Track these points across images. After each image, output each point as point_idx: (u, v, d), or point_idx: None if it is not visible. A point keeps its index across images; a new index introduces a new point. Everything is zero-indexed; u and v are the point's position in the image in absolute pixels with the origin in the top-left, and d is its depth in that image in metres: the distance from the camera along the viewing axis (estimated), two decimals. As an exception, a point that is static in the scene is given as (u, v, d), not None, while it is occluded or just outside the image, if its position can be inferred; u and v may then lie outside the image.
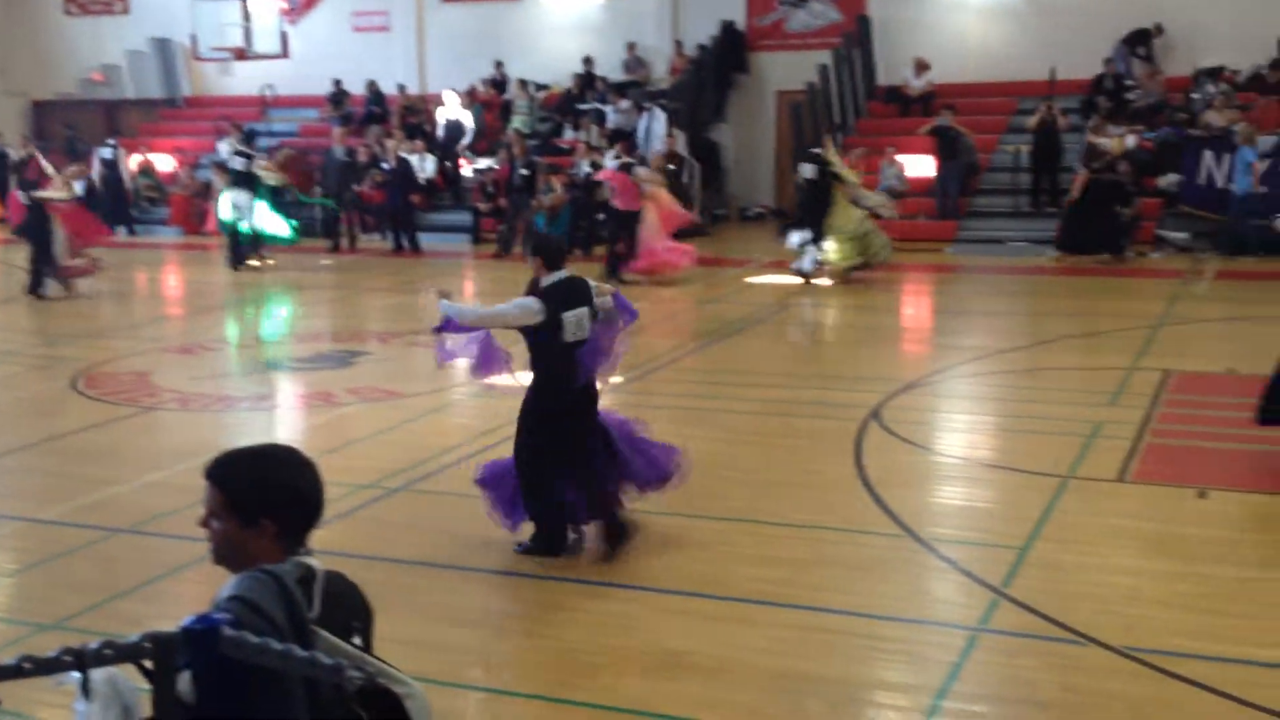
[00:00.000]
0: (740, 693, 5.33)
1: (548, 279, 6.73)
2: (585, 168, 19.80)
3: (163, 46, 27.73)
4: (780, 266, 17.77)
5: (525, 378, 6.96)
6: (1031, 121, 19.81)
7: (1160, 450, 8.73)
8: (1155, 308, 14.07)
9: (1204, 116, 19.07)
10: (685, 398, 10.65)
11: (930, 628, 5.98)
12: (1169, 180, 18.77)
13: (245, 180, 19.20)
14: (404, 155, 21.56)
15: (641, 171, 17.46)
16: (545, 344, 6.70)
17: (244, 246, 19.14)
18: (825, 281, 16.50)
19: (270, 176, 19.88)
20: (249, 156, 19.87)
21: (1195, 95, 20.03)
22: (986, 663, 5.60)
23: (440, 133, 23.57)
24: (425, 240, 21.27)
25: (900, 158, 20.55)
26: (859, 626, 6.01)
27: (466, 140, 23.64)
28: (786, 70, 23.23)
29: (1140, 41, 21.09)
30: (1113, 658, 5.50)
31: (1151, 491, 7.86)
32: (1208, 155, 18.34)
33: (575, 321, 6.67)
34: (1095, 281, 16.80)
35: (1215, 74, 20.22)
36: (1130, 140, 19.35)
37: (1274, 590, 6.25)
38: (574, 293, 6.73)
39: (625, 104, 22.96)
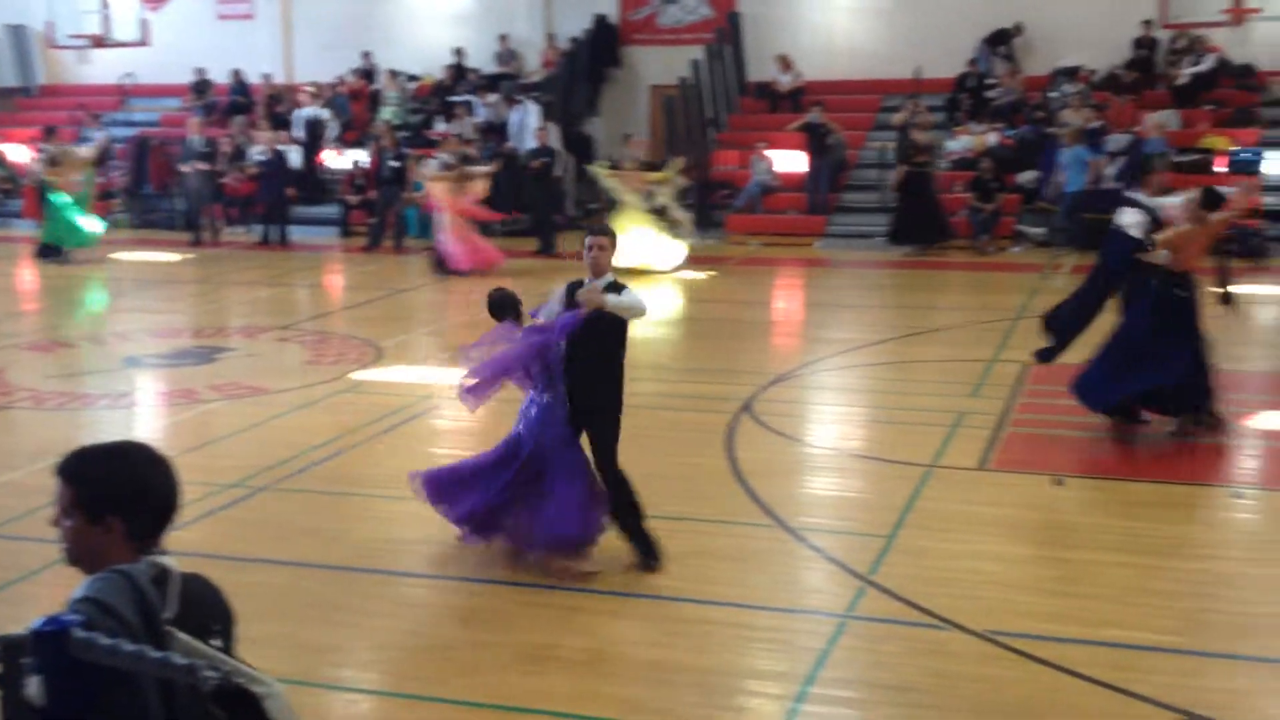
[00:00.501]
0: (613, 685, 5.35)
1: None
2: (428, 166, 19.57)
3: (17, 33, 26.73)
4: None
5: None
6: (897, 119, 20.21)
7: (1019, 439, 8.99)
8: (1015, 300, 14.48)
9: (1061, 115, 19.66)
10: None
11: (800, 616, 6.07)
12: (1028, 177, 19.32)
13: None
14: (281, 148, 21.13)
15: (430, 167, 17.63)
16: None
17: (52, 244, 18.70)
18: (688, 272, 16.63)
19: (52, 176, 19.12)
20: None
21: (1053, 94, 20.64)
22: (854, 649, 5.71)
23: (298, 131, 23.07)
24: (293, 234, 20.88)
25: (770, 153, 20.82)
26: (731, 616, 6.08)
27: (332, 133, 23.26)
28: (659, 65, 23.34)
29: (1001, 41, 21.67)
30: (974, 641, 5.65)
31: (1011, 479, 8.09)
32: (1065, 153, 18.89)
33: None
34: (958, 275, 17.23)
35: (1072, 73, 20.87)
36: (991, 138, 19.89)
37: (1127, 573, 6.47)
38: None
39: (494, 97, 22.81)
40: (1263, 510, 7.65)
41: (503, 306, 6.75)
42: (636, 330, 13.55)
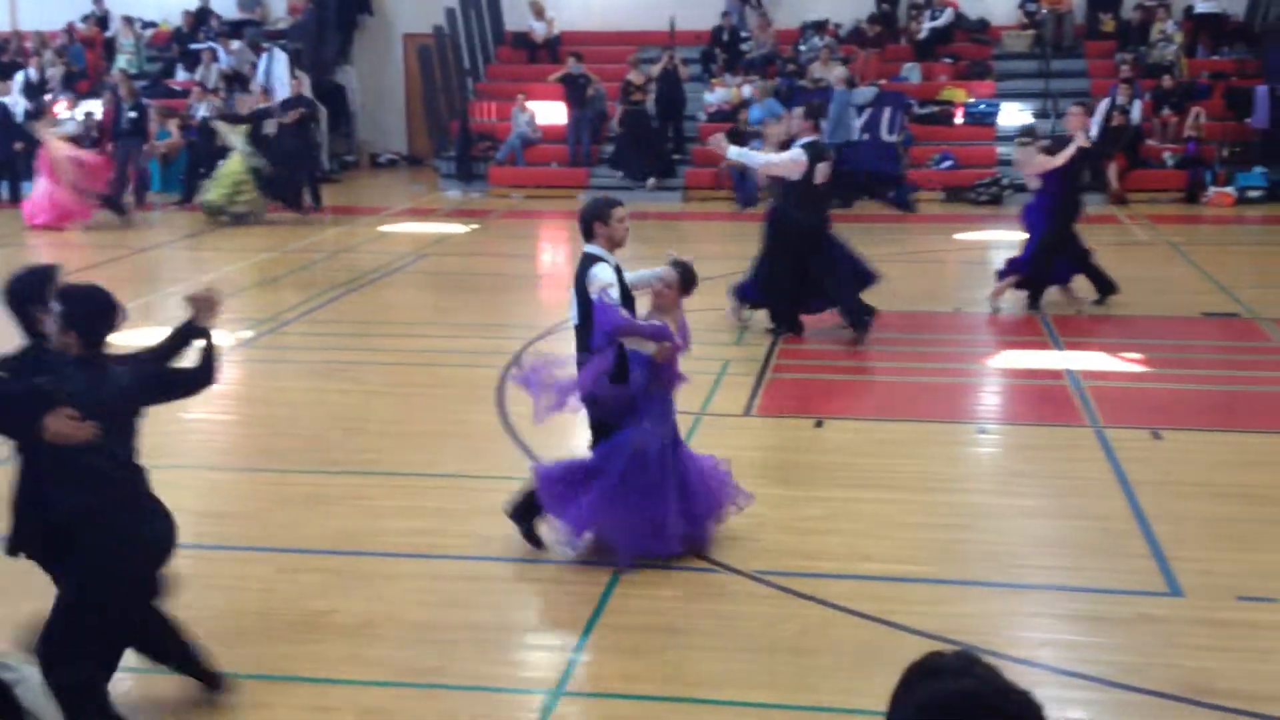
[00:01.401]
0: (386, 648, 5.28)
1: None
2: (201, 111, 18.80)
3: None
4: (417, 214, 17.55)
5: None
6: (654, 70, 20.38)
7: (781, 385, 9.28)
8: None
9: (811, 68, 20.22)
10: (320, 350, 10.37)
11: (577, 567, 6.11)
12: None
13: None
14: (4, 100, 19.70)
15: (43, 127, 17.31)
16: None
17: None
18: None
19: None
20: None
21: (803, 48, 21.20)
22: (630, 596, 5.79)
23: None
24: (26, 188, 19.57)
25: (531, 105, 20.69)
26: (508, 571, 6.09)
27: (56, 82, 21.85)
28: (413, 12, 22.85)
29: (748, -8, 22.07)
30: (747, 582, 5.82)
31: (774, 423, 8.35)
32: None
33: None
34: (723, 226, 17.56)
35: (820, 27, 21.48)
36: (747, 90, 20.29)
37: (885, 509, 6.77)
38: None
39: (238, 45, 21.89)
40: (1006, 444, 8.13)
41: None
42: (402, 288, 13.30)
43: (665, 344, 5.98)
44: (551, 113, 20.75)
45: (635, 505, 5.88)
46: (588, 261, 6.22)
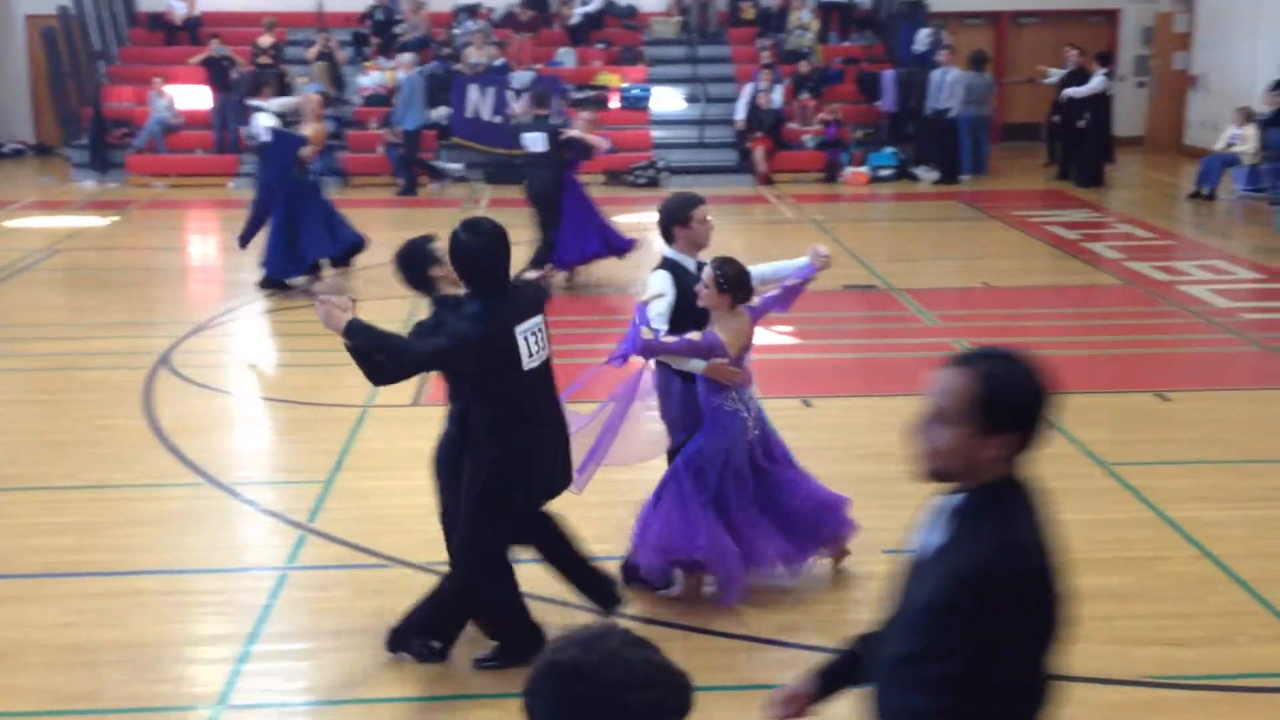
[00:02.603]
0: (31, 675, 4.89)
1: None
2: None
3: None
4: (47, 207, 16.32)
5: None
6: (311, 53, 19.75)
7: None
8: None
9: (466, 52, 20.12)
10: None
11: (239, 574, 5.85)
12: (439, 113, 19.63)
13: None
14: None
15: None
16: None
17: None
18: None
19: None
20: None
21: (457, 31, 21.06)
22: (297, 600, 5.58)
23: None
24: None
25: (170, 89, 19.59)
26: (164, 584, 5.74)
27: None
28: (35, -8, 21.20)
29: (400, -25, 21.73)
30: (416, 575, 5.71)
31: (441, 412, 8.22)
32: (474, 89, 19.40)
33: None
34: (379, 213, 17.19)
35: (473, 11, 21.39)
36: (401, 74, 19.94)
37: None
38: None
39: None
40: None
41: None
42: (34, 288, 12.33)
43: (714, 360, 5.21)
44: (194, 97, 19.73)
45: (694, 524, 5.32)
46: (658, 268, 5.64)
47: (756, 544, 5.43)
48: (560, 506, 5.31)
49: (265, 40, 19.92)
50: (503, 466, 4.76)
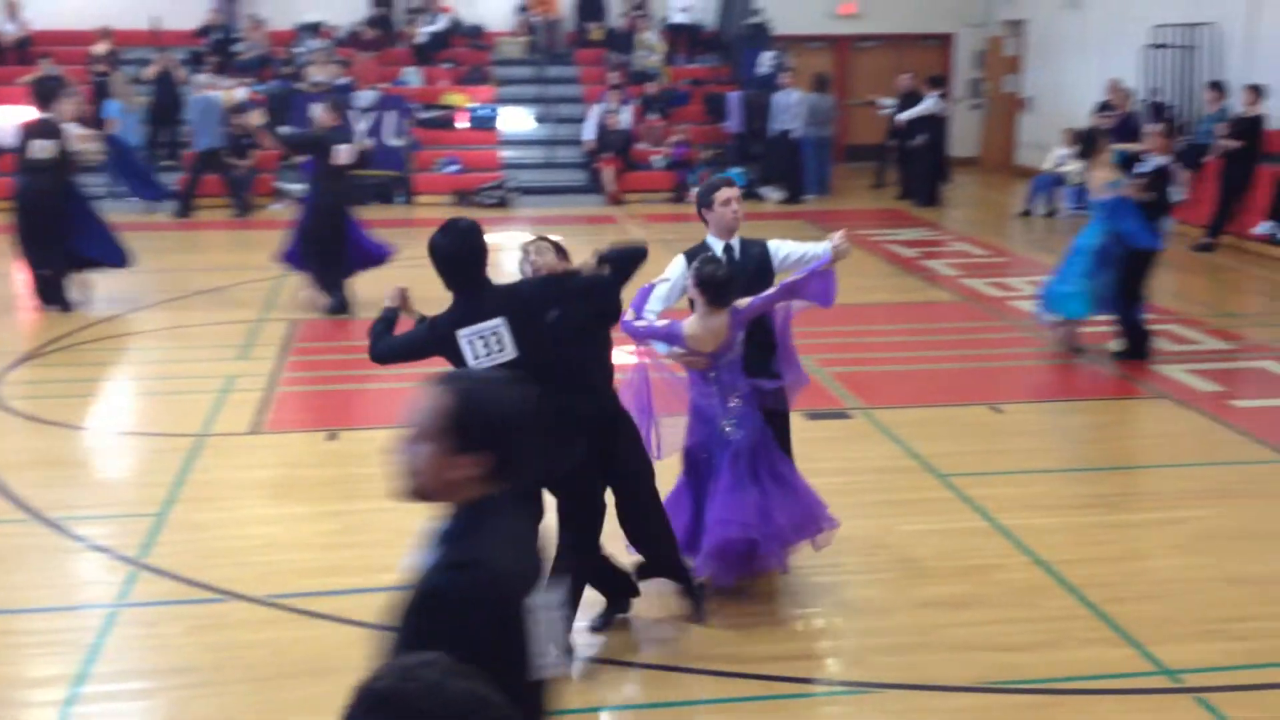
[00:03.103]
0: None
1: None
2: None
3: None
4: None
5: None
6: (149, 72, 19.18)
7: (292, 398, 8.99)
8: (279, 258, 14.40)
9: (308, 71, 19.79)
10: None
11: (67, 613, 5.62)
12: (281, 132, 19.23)
13: None
14: None
15: None
16: None
17: None
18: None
19: None
20: None
21: (298, 50, 20.71)
22: (128, 637, 5.38)
23: None
24: None
25: (0, 110, 18.83)
26: (-17, 626, 5.48)
27: None
28: None
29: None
30: (254, 608, 5.57)
31: (285, 439, 8.07)
32: (316, 109, 19.06)
33: None
34: (220, 235, 16.82)
35: (315, 29, 21.06)
36: (241, 93, 19.52)
37: (399, 517, 6.68)
38: None
39: None
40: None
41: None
42: None
43: (674, 348, 5.48)
44: (21, 118, 18.93)
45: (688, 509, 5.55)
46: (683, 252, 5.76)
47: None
48: (394, 535, 5.21)
49: (100, 48, 19.26)
50: None
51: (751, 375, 5.57)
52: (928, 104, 18.81)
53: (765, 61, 20.29)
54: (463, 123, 20.13)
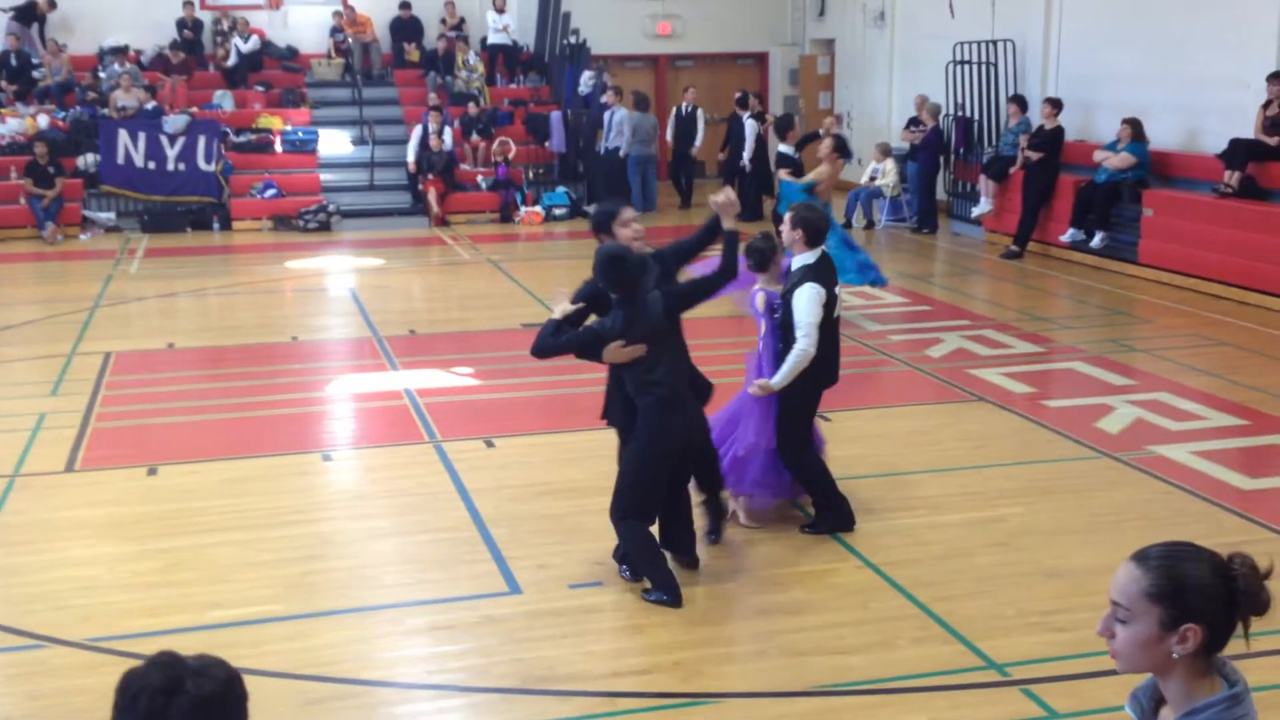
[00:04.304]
0: None
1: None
2: None
3: None
4: None
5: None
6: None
7: (108, 433, 8.65)
8: (90, 289, 13.89)
9: (113, 96, 19.15)
10: None
11: None
12: (88, 160, 18.58)
13: None
14: None
15: None
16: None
17: None
18: None
19: None
20: None
21: (103, 74, 20.00)
22: (-62, 694, 5.10)
23: None
24: None
25: None
26: None
27: None
28: None
29: (32, 17, 20.42)
30: (75, 652, 5.34)
31: (102, 476, 7.76)
32: (124, 134, 18.48)
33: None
34: (25, 267, 16.09)
35: (121, 53, 20.36)
36: (43, 120, 18.78)
37: (229, 551, 6.52)
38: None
39: None
40: (353, 468, 8.14)
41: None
42: None
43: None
44: None
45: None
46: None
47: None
48: (222, 570, 5.06)
49: None
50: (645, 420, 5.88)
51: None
52: (749, 129, 19.08)
53: (585, 80, 20.42)
54: (280, 146, 19.69)
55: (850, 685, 5.11)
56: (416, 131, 19.25)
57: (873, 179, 18.31)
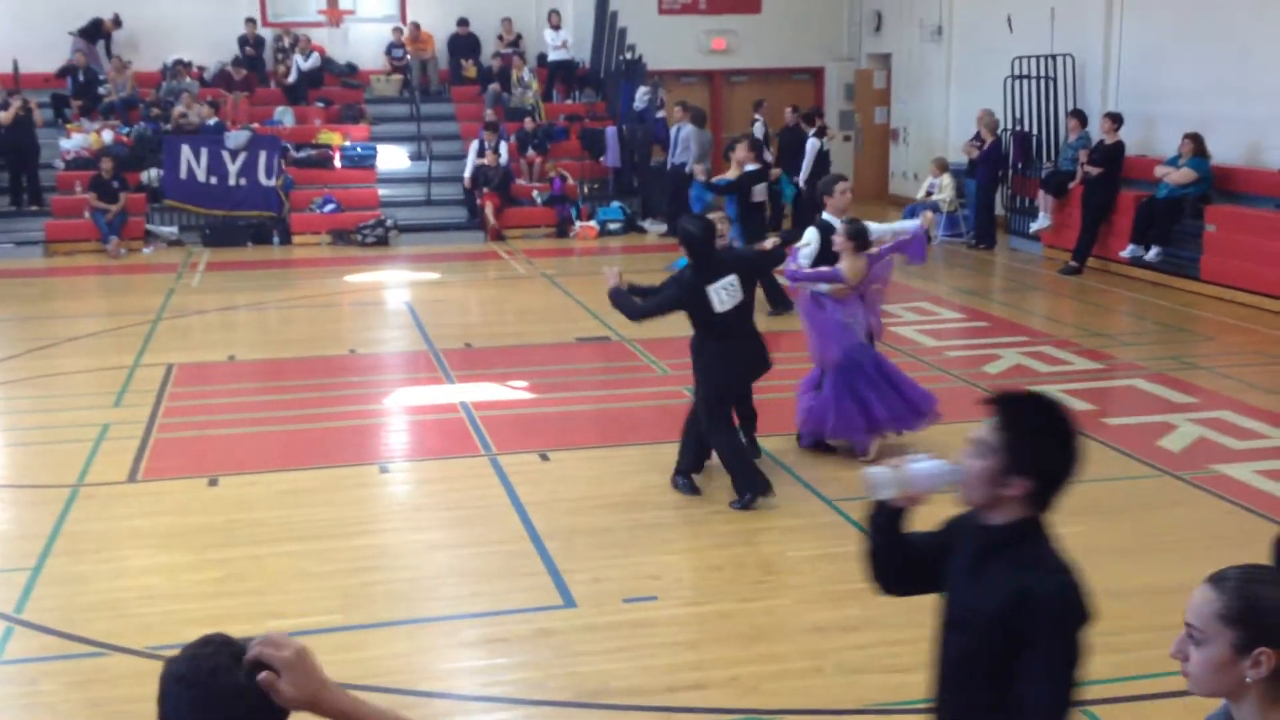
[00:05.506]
0: None
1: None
2: None
3: None
4: None
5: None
6: (5, 116, 18.62)
7: (169, 444, 8.76)
8: (153, 302, 14.09)
9: (176, 112, 19.44)
10: None
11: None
12: (151, 175, 18.88)
13: None
14: None
15: None
16: None
17: None
18: None
19: None
20: None
21: (166, 91, 20.30)
22: (5, 696, 5.19)
23: None
24: None
25: None
26: None
27: None
28: None
29: (98, 34, 20.78)
30: (136, 661, 5.40)
31: (164, 487, 7.86)
32: (186, 150, 18.76)
33: None
34: (91, 281, 16.38)
35: (184, 69, 20.67)
36: (107, 135, 19.10)
37: (287, 562, 6.59)
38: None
39: None
40: (409, 481, 8.19)
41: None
42: None
43: (835, 284, 8.00)
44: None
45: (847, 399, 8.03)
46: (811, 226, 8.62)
47: (874, 410, 8.00)
48: (280, 580, 5.09)
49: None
50: (710, 364, 7.27)
51: None
52: (810, 147, 18.66)
53: (640, 96, 20.47)
54: (339, 161, 19.91)
55: (907, 704, 5.06)
56: (473, 147, 19.40)
57: (929, 193, 18.20)
